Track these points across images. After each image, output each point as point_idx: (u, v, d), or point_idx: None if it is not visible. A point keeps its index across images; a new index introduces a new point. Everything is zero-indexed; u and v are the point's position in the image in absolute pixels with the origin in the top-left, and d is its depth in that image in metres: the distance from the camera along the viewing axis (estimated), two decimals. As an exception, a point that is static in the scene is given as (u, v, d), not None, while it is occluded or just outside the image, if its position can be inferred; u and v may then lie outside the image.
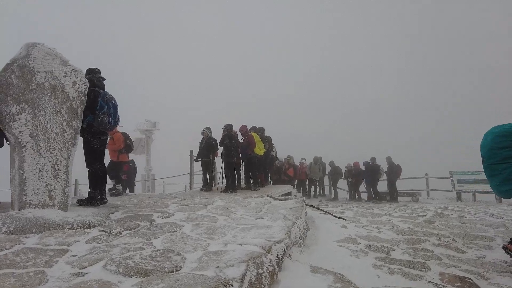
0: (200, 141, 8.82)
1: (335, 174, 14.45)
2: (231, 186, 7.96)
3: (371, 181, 13.25)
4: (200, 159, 8.90)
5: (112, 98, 4.56)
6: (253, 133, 8.30)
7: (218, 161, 9.41)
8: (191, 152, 9.10)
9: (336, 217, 5.95)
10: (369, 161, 13.36)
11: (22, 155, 3.65)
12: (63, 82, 3.95)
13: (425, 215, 6.98)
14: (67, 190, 3.89)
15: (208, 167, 8.66)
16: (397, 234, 4.90)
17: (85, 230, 3.29)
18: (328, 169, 15.12)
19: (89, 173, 4.59)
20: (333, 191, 14.79)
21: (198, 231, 3.28)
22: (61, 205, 3.82)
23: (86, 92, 4.12)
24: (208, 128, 8.74)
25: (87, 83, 4.15)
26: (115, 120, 4.59)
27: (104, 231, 3.15)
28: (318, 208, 6.35)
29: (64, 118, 3.92)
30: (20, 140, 3.65)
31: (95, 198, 4.57)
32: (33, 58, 3.77)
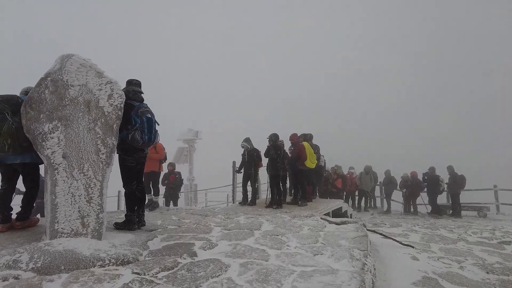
0: (242, 153, 8.31)
1: (390, 184, 13.23)
2: (277, 201, 7.33)
3: (430, 193, 11.92)
4: (242, 171, 8.39)
5: (147, 111, 4.13)
6: (304, 143, 7.59)
7: (262, 172, 8.86)
8: (234, 163, 8.61)
9: (403, 244, 5.06)
10: (428, 171, 12.03)
11: (54, 178, 3.32)
12: (98, 96, 3.59)
13: (511, 242, 5.82)
14: (101, 216, 3.50)
15: (250, 180, 8.11)
16: (487, 273, 3.96)
17: (117, 267, 2.84)
18: (381, 178, 13.92)
19: (125, 194, 4.21)
20: (385, 203, 13.57)
21: (248, 275, 2.68)
22: (95, 233, 3.43)
23: (122, 106, 3.74)
24: (247, 140, 8.17)
25: (123, 96, 3.77)
26: (151, 135, 4.14)
27: (138, 274, 2.66)
28: (381, 234, 5.49)
29: (98, 136, 3.55)
30: (52, 161, 3.32)
31: (133, 221, 4.18)
32: (67, 71, 3.44)
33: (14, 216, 3.97)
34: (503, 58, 55.30)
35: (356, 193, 13.30)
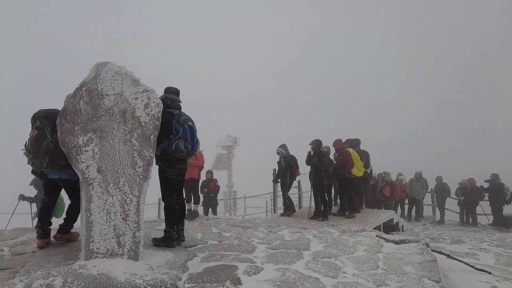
0: (278, 160, 7.85)
1: (443, 191, 12.05)
2: (322, 213, 6.79)
3: (494, 203, 10.67)
4: (279, 180, 7.94)
5: (188, 119, 3.87)
6: (350, 150, 6.99)
7: (304, 180, 8.35)
8: (274, 171, 8.16)
9: (476, 268, 4.34)
10: (491, 178, 10.79)
11: (89, 194, 3.11)
12: (134, 105, 3.35)
13: None
14: (138, 235, 3.23)
15: (285, 188, 7.63)
16: None
17: (154, 297, 2.54)
18: (431, 185, 12.74)
19: (165, 208, 3.94)
20: (437, 212, 12.37)
21: (303, 316, 2.24)
22: (131, 253, 3.17)
23: (159, 115, 3.47)
24: (283, 146, 7.71)
25: (161, 105, 3.51)
26: (193, 144, 3.89)
27: (175, 309, 2.32)
28: (448, 256, 4.77)
29: (134, 148, 3.30)
30: (87, 176, 3.11)
31: (172, 238, 3.90)
32: (102, 79, 3.24)
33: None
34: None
35: (406, 201, 12.28)
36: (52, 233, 3.83)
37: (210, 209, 9.40)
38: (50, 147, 3.31)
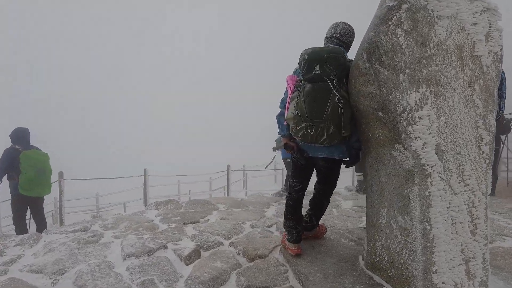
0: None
1: None
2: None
3: None
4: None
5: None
6: None
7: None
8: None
9: None
10: None
11: (426, 192, 1.82)
12: (473, 37, 1.90)
13: None
14: (487, 258, 1.95)
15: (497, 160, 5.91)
16: None
17: None
18: None
19: None
20: None
21: None
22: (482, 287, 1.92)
23: (502, 53, 2.01)
24: None
25: (501, 36, 2.03)
26: (501, 104, 2.42)
27: None
28: None
29: (477, 112, 1.91)
30: (423, 161, 1.80)
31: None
32: (433, -11, 1.80)
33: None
34: None
35: None
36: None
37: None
38: (338, 109, 2.02)
